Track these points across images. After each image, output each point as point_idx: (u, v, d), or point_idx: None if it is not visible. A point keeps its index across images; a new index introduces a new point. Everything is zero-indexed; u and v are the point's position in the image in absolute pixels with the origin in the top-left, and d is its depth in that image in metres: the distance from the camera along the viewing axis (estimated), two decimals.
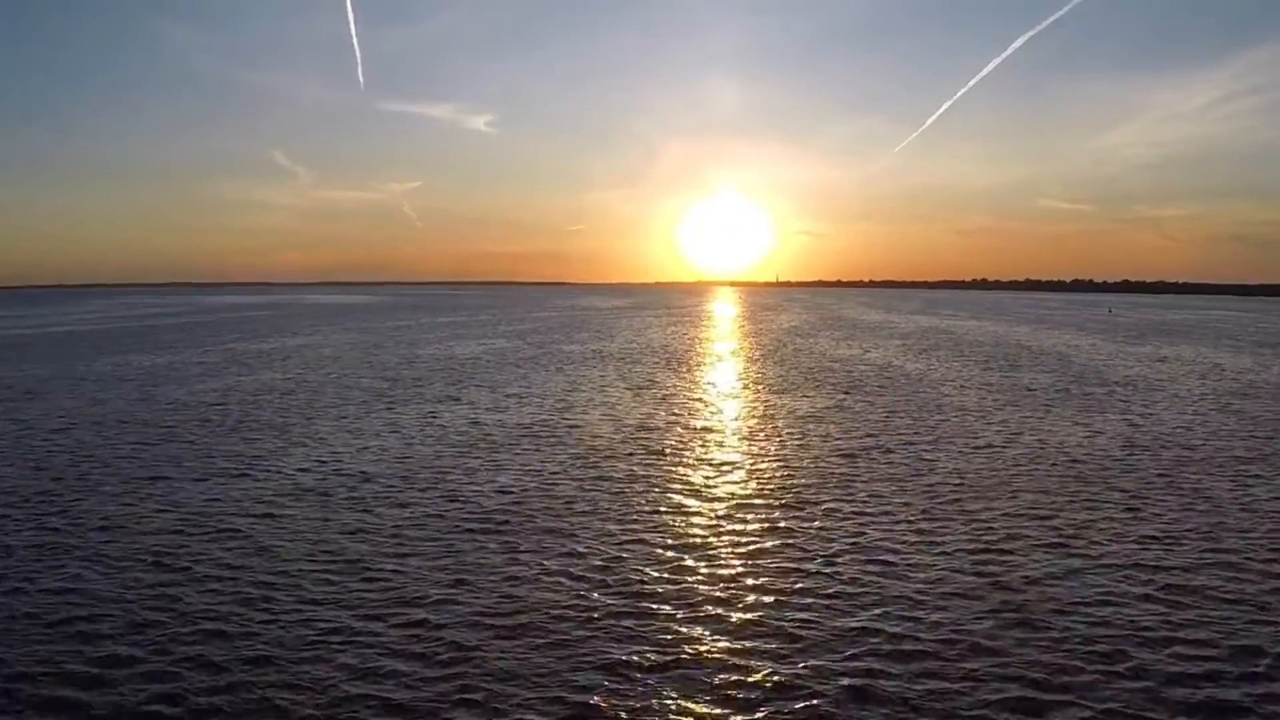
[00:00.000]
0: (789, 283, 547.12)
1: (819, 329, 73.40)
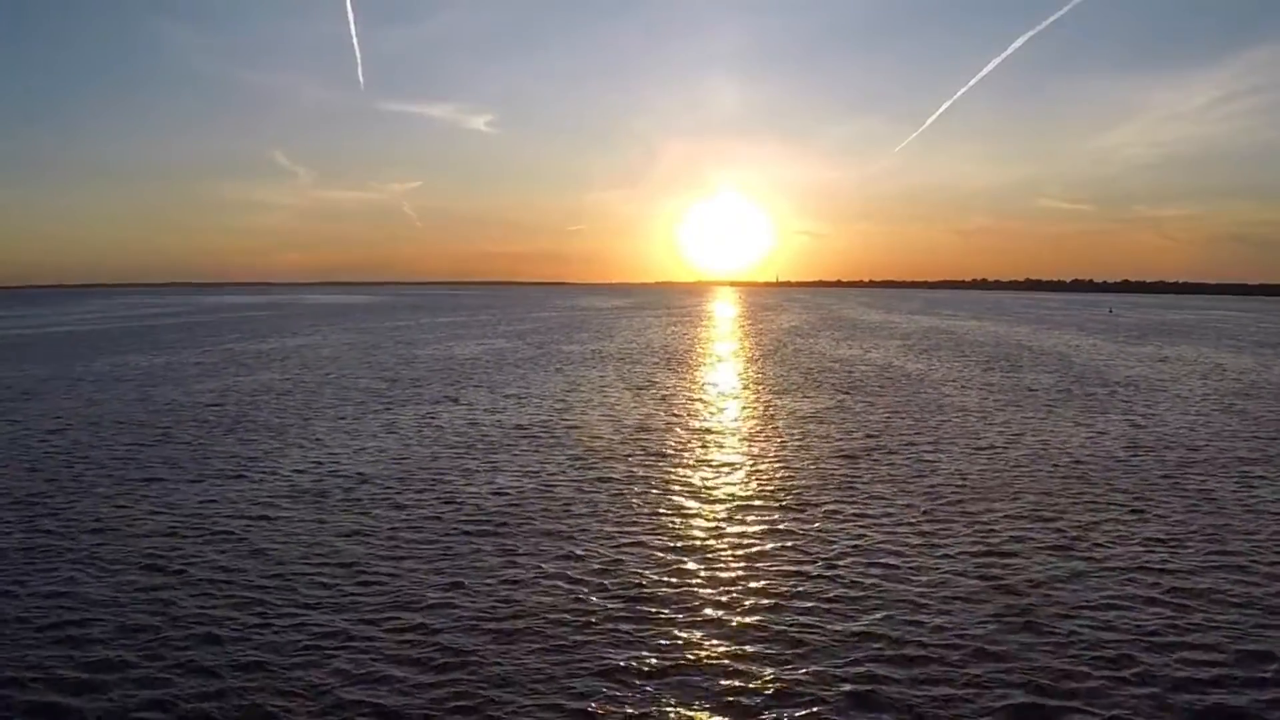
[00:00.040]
0: (789, 283, 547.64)
1: (819, 329, 73.26)
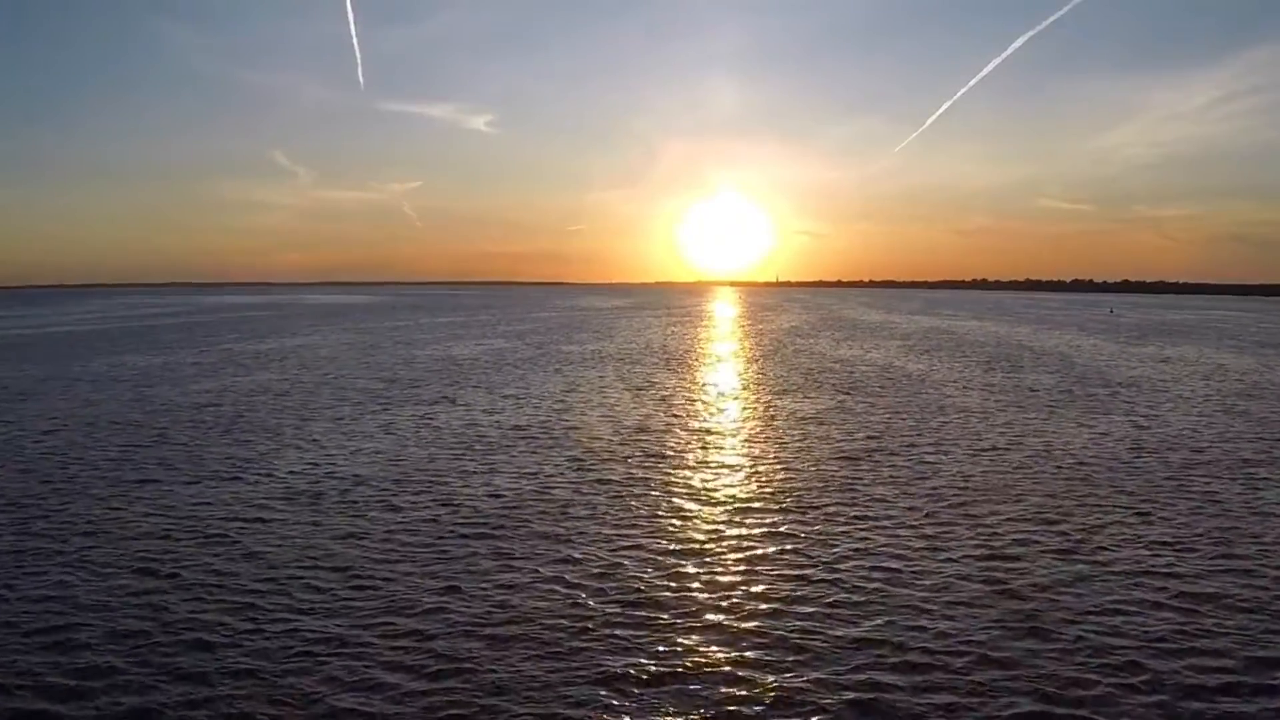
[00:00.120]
0: (789, 283, 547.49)
1: (819, 329, 73.07)
